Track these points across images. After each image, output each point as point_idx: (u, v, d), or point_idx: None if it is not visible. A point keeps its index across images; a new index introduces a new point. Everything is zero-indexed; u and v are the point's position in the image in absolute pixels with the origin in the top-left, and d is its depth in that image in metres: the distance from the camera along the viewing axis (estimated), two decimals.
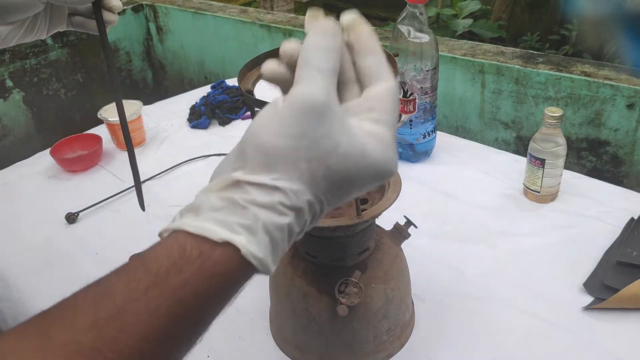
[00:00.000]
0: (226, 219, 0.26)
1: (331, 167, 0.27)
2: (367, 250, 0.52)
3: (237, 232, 0.25)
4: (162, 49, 1.76)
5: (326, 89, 0.27)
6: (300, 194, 0.26)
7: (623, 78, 0.94)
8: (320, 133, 0.26)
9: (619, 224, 0.71)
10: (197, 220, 0.26)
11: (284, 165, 0.26)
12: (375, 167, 0.28)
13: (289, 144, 0.26)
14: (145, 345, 0.23)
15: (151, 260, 0.25)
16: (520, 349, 0.56)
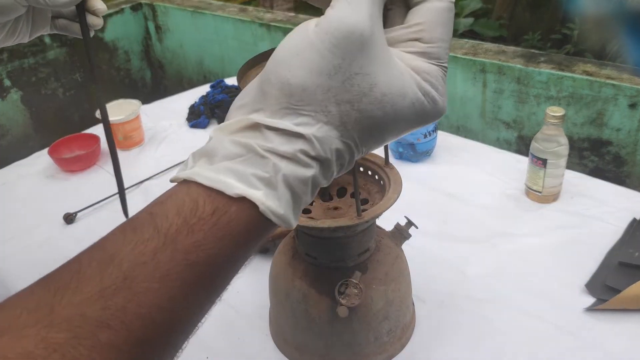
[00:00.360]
0: (243, 169, 0.22)
1: (365, 112, 0.23)
2: (368, 251, 0.52)
3: (255, 187, 0.22)
4: (161, 48, 1.76)
5: (370, 12, 0.22)
6: (327, 142, 0.23)
7: (625, 77, 0.93)
8: (358, 68, 0.22)
9: (621, 224, 0.70)
10: (210, 170, 0.23)
11: (310, 108, 0.23)
12: (417, 110, 0.24)
13: (318, 83, 0.22)
14: (157, 314, 0.21)
15: (160, 217, 0.22)
16: (521, 350, 0.55)
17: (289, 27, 1.36)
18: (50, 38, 1.52)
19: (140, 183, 0.89)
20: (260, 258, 0.70)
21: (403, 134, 0.26)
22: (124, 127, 0.99)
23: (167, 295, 0.21)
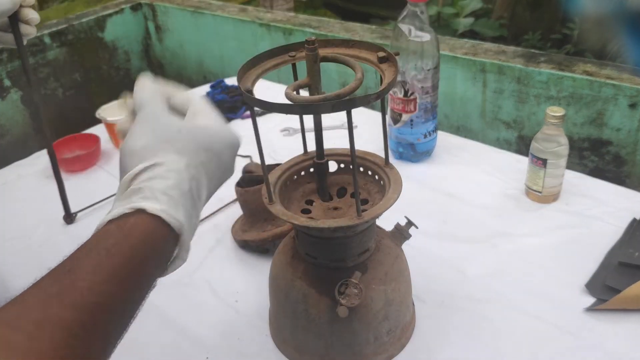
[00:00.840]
0: (130, 199, 0.34)
1: (192, 140, 0.38)
2: (368, 251, 0.52)
3: (139, 202, 0.34)
4: (161, 48, 1.76)
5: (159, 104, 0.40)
6: (176, 161, 0.36)
7: (625, 77, 0.93)
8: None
9: (621, 224, 0.70)
10: (110, 214, 0.34)
11: (155, 150, 0.36)
12: (216, 133, 0.39)
13: (146, 142, 0.37)
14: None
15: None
16: (521, 350, 0.55)
17: (288, 27, 1.36)
18: (50, 38, 1.52)
19: None
20: (260, 258, 0.70)
21: (225, 157, 0.41)
22: None
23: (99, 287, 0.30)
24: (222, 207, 0.81)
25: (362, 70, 0.45)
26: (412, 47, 0.79)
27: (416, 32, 0.78)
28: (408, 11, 0.78)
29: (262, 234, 0.68)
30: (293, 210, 0.52)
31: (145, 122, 0.38)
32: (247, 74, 0.47)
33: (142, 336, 0.55)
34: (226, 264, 0.70)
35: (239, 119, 1.10)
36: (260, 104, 0.42)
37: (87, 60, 1.61)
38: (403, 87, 0.82)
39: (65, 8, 1.83)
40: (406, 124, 0.85)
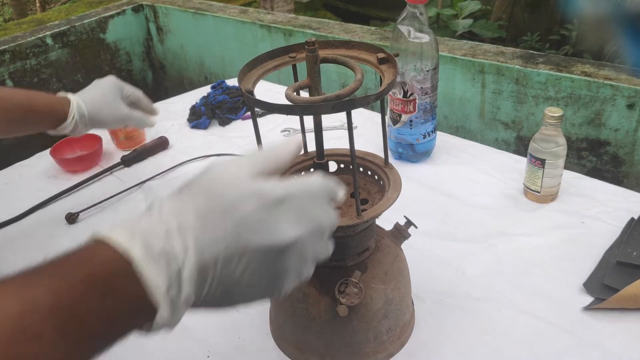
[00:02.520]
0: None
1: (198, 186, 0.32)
2: (367, 251, 0.52)
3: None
4: (162, 49, 1.76)
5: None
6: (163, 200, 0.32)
7: (623, 78, 0.94)
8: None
9: (619, 224, 0.71)
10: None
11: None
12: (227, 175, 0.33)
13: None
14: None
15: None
16: (520, 349, 0.56)
17: (289, 29, 1.36)
18: (52, 39, 1.52)
19: (142, 183, 0.90)
20: None
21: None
22: (125, 127, 0.99)
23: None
24: None
25: (362, 71, 0.46)
26: (411, 48, 0.79)
27: (415, 34, 0.79)
28: (407, 12, 0.79)
29: None
30: None
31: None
32: (247, 75, 0.48)
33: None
34: None
35: (240, 120, 1.10)
36: (261, 104, 0.42)
37: (89, 61, 1.62)
38: (402, 88, 0.82)
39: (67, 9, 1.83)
40: (405, 124, 0.86)
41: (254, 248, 0.30)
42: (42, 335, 0.25)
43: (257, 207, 0.30)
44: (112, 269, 0.28)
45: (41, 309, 0.26)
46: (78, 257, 0.29)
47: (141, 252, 0.28)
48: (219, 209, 0.30)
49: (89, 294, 0.27)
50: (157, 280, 0.28)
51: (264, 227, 0.30)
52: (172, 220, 0.30)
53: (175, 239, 0.29)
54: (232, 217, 0.30)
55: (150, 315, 0.29)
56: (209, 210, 0.30)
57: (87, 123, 0.75)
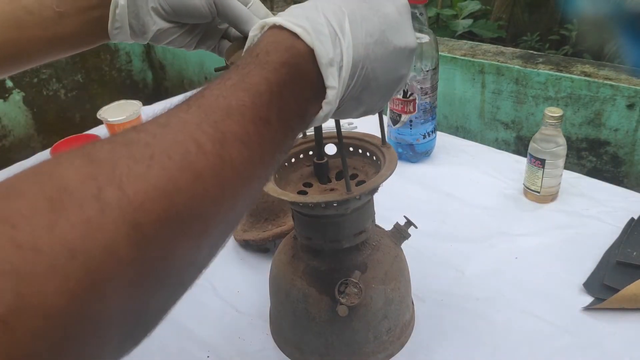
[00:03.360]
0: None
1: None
2: (364, 233, 0.51)
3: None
4: (162, 50, 1.76)
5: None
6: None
7: (623, 78, 0.94)
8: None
9: (619, 224, 0.71)
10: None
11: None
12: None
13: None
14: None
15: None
16: (520, 349, 0.56)
17: None
18: None
19: None
20: (261, 258, 0.71)
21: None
22: (124, 127, 0.99)
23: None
24: None
25: None
26: None
27: (415, 34, 0.79)
28: None
29: (262, 234, 0.69)
30: (289, 191, 0.51)
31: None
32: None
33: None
34: (227, 263, 0.71)
35: None
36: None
37: (89, 61, 1.62)
38: (402, 88, 0.82)
39: None
40: (405, 124, 0.86)
41: (393, 47, 0.33)
42: (269, 120, 0.27)
43: (394, 10, 0.34)
44: (297, 51, 0.30)
45: (262, 95, 0.27)
46: (266, 47, 0.29)
47: (315, 35, 0.30)
48: (367, 6, 0.33)
49: (289, 76, 0.29)
50: (331, 60, 0.30)
51: (401, 28, 0.34)
52: (329, 11, 0.31)
53: (336, 27, 0.31)
54: (378, 14, 0.33)
55: (321, 98, 0.31)
56: (359, 6, 0.32)
57: (159, 7, 0.44)
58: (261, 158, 0.27)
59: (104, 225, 0.19)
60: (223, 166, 0.24)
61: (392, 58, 0.34)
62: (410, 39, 0.35)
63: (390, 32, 0.33)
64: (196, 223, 0.23)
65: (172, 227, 0.22)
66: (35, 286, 0.17)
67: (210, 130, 0.24)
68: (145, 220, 0.21)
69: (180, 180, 0.22)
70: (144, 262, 0.21)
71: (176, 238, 0.22)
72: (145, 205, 0.21)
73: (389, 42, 0.33)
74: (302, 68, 0.30)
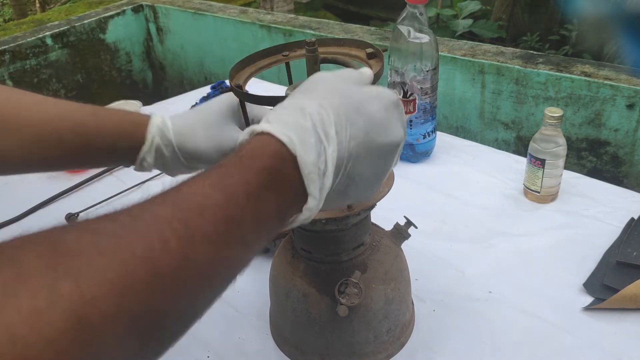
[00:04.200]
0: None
1: (327, 88, 0.35)
2: (362, 246, 0.52)
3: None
4: (162, 50, 1.76)
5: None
6: (300, 98, 0.34)
7: (623, 78, 0.94)
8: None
9: (619, 224, 0.71)
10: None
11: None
12: (356, 83, 0.36)
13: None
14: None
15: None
16: (520, 349, 0.56)
17: (288, 29, 1.36)
18: (52, 39, 1.52)
19: (142, 183, 0.90)
20: (260, 258, 0.71)
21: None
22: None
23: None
24: None
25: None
26: (411, 48, 0.79)
27: (415, 34, 0.79)
28: (407, 13, 0.79)
29: None
30: None
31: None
32: (239, 73, 0.48)
33: None
34: None
35: None
36: (249, 97, 0.43)
37: (89, 61, 1.62)
38: (402, 88, 0.82)
39: (67, 9, 1.83)
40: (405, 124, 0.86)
41: (377, 145, 0.34)
42: (243, 221, 0.28)
43: (380, 108, 0.34)
44: (281, 160, 0.31)
45: (239, 196, 0.28)
46: (251, 151, 0.31)
47: (300, 145, 0.31)
48: (353, 108, 0.33)
49: (270, 181, 0.30)
50: (313, 171, 0.31)
51: (386, 126, 0.34)
52: (316, 116, 0.32)
53: (322, 134, 0.32)
54: (363, 115, 0.33)
55: (302, 203, 0.32)
56: (345, 109, 0.33)
57: (176, 152, 0.49)
58: (228, 258, 0.28)
59: (51, 316, 0.20)
60: (186, 265, 0.25)
61: (377, 155, 0.34)
62: (396, 134, 0.35)
63: (374, 132, 0.34)
64: (149, 318, 0.23)
65: (123, 322, 0.22)
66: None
67: (180, 227, 0.25)
68: (95, 315, 0.21)
69: (138, 276, 0.23)
70: (85, 356, 0.21)
71: (125, 333, 0.22)
72: (97, 300, 0.21)
73: (373, 141, 0.34)
74: (284, 173, 0.30)
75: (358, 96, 0.34)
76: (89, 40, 1.60)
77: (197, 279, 0.26)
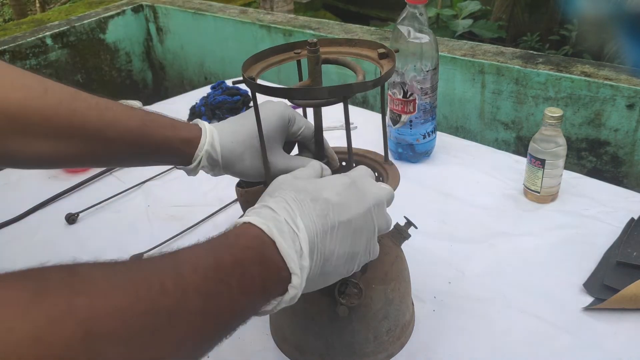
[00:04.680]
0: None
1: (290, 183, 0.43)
2: None
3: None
4: (162, 50, 1.76)
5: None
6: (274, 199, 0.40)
7: (623, 78, 0.94)
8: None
9: (619, 224, 0.71)
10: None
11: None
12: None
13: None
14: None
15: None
16: (520, 350, 0.56)
17: (288, 29, 1.36)
18: (52, 39, 1.52)
19: (142, 184, 0.90)
20: None
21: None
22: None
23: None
24: (222, 208, 0.82)
25: (363, 72, 0.46)
26: (411, 48, 0.79)
27: (415, 34, 0.79)
28: (407, 13, 0.79)
29: None
30: None
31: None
32: (252, 67, 0.48)
33: None
34: None
35: None
36: (262, 89, 0.43)
37: (89, 61, 1.62)
38: (402, 88, 0.83)
39: (67, 9, 1.83)
40: (405, 124, 0.86)
41: (339, 221, 0.39)
42: (230, 283, 0.33)
43: (332, 193, 0.40)
44: (262, 242, 0.36)
45: (226, 263, 0.34)
46: (236, 233, 0.37)
47: (277, 233, 0.36)
48: (308, 198, 0.39)
49: (253, 257, 0.35)
50: (292, 253, 0.36)
51: (342, 205, 0.40)
52: (283, 212, 0.38)
53: (292, 224, 0.37)
54: (318, 202, 0.39)
55: (285, 283, 0.36)
56: (302, 201, 0.39)
57: (222, 170, 0.53)
58: (216, 316, 0.33)
59: (68, 324, 0.25)
60: (178, 308, 0.30)
61: (342, 232, 0.39)
62: (353, 211, 0.40)
63: (333, 213, 0.39)
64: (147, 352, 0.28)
65: (122, 341, 0.27)
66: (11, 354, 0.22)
67: (176, 277, 0.31)
68: (101, 330, 0.26)
69: (139, 307, 0.28)
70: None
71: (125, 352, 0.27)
72: (104, 318, 0.26)
73: (334, 221, 0.39)
74: (266, 254, 0.36)
75: (312, 187, 0.40)
76: (89, 40, 1.60)
77: (187, 326, 0.30)
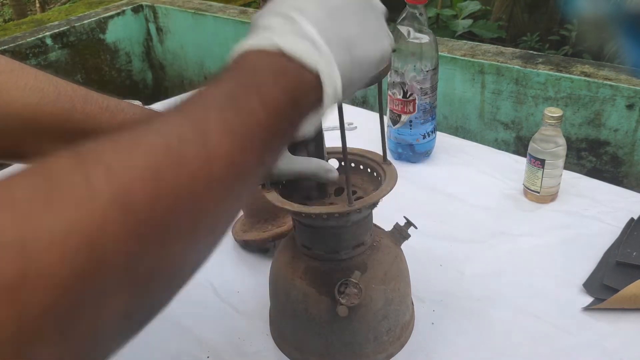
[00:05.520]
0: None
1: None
2: (362, 245, 0.52)
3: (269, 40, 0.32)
4: (162, 50, 1.76)
5: None
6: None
7: (623, 78, 0.94)
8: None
9: (618, 224, 0.71)
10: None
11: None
12: None
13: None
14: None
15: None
16: (519, 349, 0.56)
17: None
18: (52, 39, 1.52)
19: None
20: (261, 258, 0.71)
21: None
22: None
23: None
24: None
25: None
26: (411, 48, 0.79)
27: (415, 34, 0.79)
28: (407, 13, 0.79)
29: (262, 234, 0.69)
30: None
31: None
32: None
33: (143, 335, 0.55)
34: (227, 263, 0.71)
35: None
36: None
37: (89, 61, 1.62)
38: (402, 88, 0.82)
39: (67, 10, 1.83)
40: (405, 124, 0.86)
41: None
42: (254, 110, 0.29)
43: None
44: (268, 58, 0.31)
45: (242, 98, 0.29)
46: (248, 54, 0.31)
47: (278, 39, 0.31)
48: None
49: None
50: (300, 47, 0.31)
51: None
52: (274, 21, 0.32)
53: (288, 19, 0.32)
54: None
55: (316, 91, 0.31)
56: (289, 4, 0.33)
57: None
58: (252, 144, 0.28)
59: (95, 203, 0.20)
60: (207, 154, 0.25)
61: (348, 9, 0.35)
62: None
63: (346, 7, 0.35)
64: (186, 204, 0.24)
65: (162, 204, 0.23)
66: (39, 256, 0.18)
67: (192, 124, 0.26)
68: (135, 199, 0.21)
69: (164, 164, 0.23)
70: (136, 234, 0.22)
71: (168, 214, 0.23)
72: (134, 184, 0.22)
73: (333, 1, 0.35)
74: (276, 66, 0.31)
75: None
76: (88, 41, 1.60)
77: (221, 166, 0.26)
